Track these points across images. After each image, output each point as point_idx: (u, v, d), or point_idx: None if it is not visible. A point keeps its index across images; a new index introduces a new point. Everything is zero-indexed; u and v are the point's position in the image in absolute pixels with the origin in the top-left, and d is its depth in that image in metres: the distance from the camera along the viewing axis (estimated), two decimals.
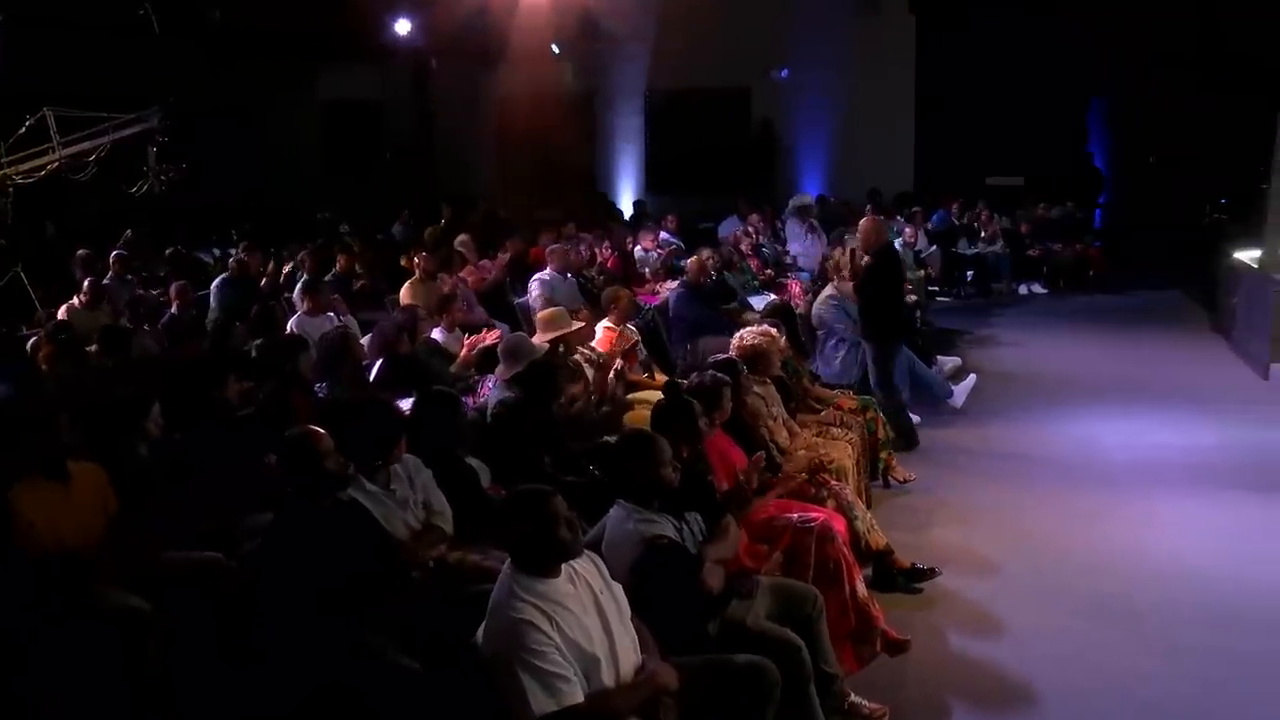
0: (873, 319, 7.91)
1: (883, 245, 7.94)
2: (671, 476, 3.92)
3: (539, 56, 15.76)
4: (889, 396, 7.75)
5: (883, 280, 7.83)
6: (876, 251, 7.86)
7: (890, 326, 7.94)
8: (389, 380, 6.77)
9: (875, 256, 7.85)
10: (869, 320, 7.94)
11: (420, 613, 3.93)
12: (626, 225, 14.93)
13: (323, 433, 4.00)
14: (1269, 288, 9.63)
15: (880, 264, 7.84)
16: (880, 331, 7.89)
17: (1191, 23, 15.41)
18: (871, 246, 7.86)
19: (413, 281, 9.14)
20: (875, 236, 7.93)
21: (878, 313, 7.87)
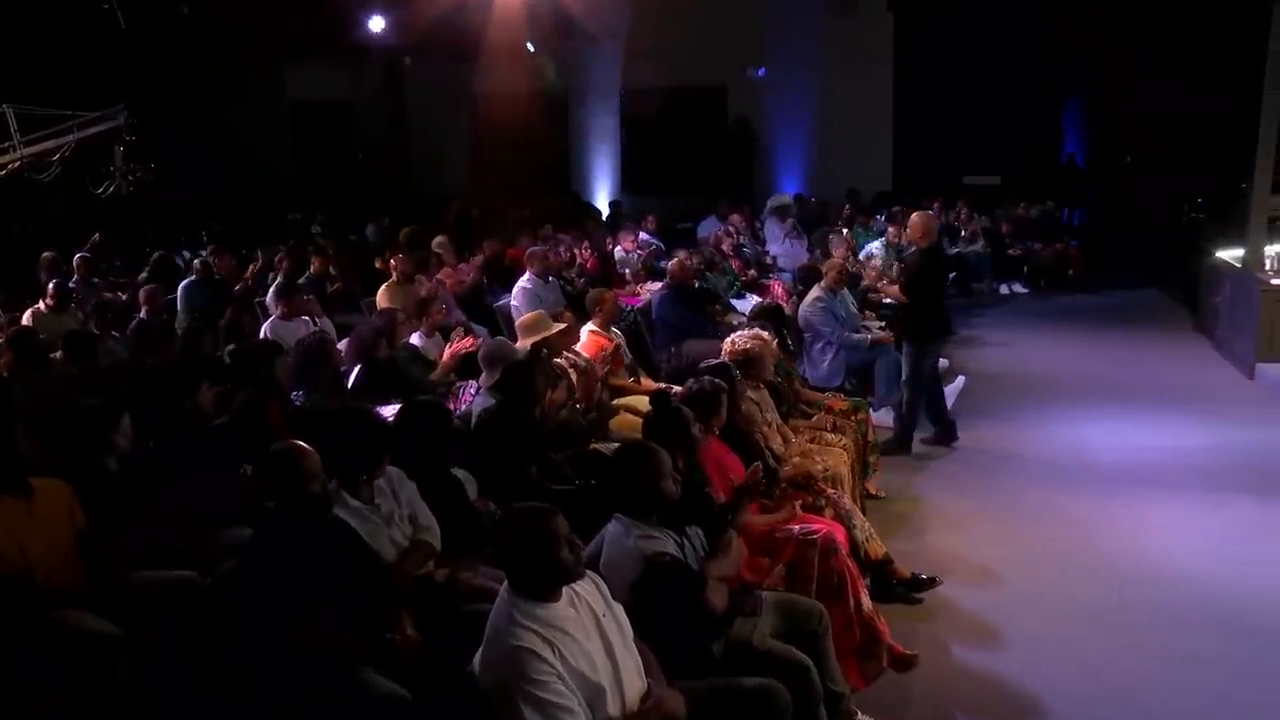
0: (917, 317, 7.66)
1: (933, 242, 7.73)
2: (672, 489, 3.75)
3: (514, 55, 15.53)
4: (914, 397, 7.65)
5: (931, 277, 7.65)
6: (927, 249, 7.66)
7: (934, 325, 7.73)
8: (367, 387, 6.57)
9: (925, 254, 7.66)
10: (913, 318, 7.70)
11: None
12: (603, 226, 14.74)
13: (309, 451, 3.78)
14: (1254, 287, 9.59)
15: (930, 261, 7.67)
16: (923, 330, 7.66)
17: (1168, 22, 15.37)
18: (923, 242, 7.63)
19: (390, 284, 8.91)
20: (927, 232, 7.70)
21: (922, 311, 7.62)
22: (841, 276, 9.05)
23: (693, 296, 9.02)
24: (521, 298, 9.10)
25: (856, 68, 16.75)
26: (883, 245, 12.59)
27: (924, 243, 7.63)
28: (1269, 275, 9.69)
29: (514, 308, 9.19)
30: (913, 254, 7.65)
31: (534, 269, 9.30)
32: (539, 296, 9.10)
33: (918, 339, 7.64)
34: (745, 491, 4.19)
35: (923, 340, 7.64)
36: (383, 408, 6.38)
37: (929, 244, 7.66)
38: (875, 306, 10.42)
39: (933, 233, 7.76)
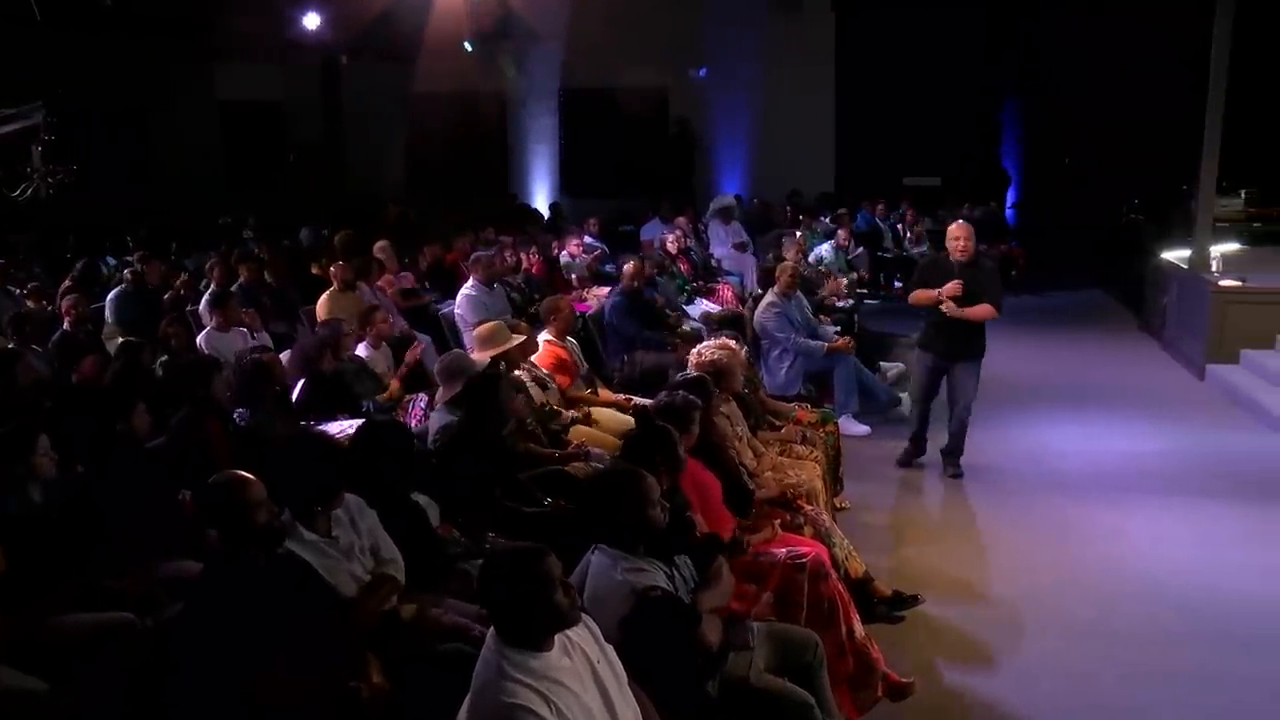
0: (982, 333, 7.08)
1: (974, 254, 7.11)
2: (660, 517, 3.48)
3: (452, 54, 15.13)
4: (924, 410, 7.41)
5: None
6: (978, 261, 7.14)
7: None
8: (312, 402, 6.21)
9: (988, 268, 7.33)
10: (980, 335, 7.06)
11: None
12: (545, 229, 14.42)
13: (251, 480, 3.44)
14: (1204, 288, 9.61)
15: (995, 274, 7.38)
16: (983, 345, 7.12)
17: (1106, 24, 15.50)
18: (971, 254, 6.98)
19: (331, 292, 8.51)
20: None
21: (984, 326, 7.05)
22: (794, 280, 8.87)
23: (647, 302, 8.75)
24: (466, 305, 8.76)
25: (798, 68, 16.62)
26: (833, 248, 12.48)
27: (970, 255, 6.99)
28: (1217, 276, 9.71)
29: (458, 315, 8.86)
30: (980, 268, 6.95)
31: (479, 275, 8.95)
32: (484, 304, 8.77)
33: (980, 355, 7.11)
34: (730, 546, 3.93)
35: (981, 355, 7.15)
36: (329, 424, 6.08)
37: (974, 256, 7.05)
38: (830, 310, 10.27)
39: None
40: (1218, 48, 9.81)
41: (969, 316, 6.90)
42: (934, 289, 6.89)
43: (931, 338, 7.11)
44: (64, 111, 9.58)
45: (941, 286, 6.85)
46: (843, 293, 11.14)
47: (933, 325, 7.09)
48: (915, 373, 7.35)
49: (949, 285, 6.82)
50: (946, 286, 6.82)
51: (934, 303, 6.89)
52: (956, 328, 6.92)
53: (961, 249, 6.87)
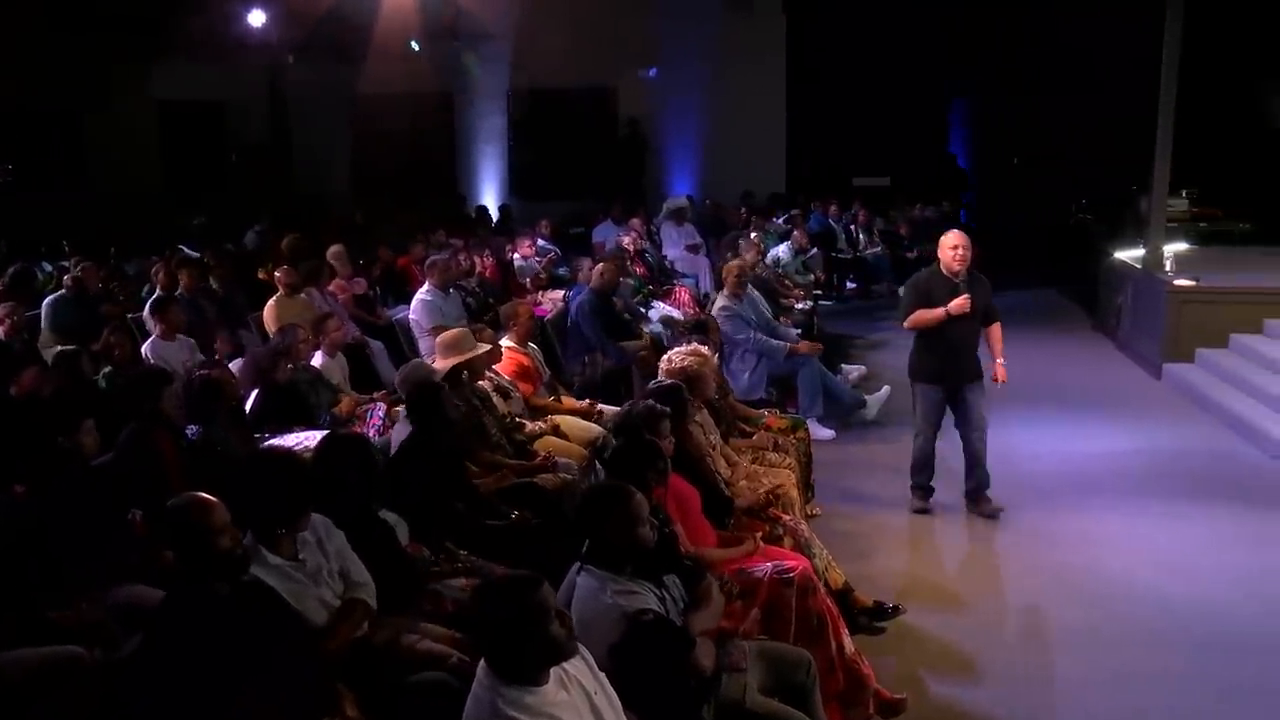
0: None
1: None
2: (650, 536, 3.32)
3: (398, 54, 14.83)
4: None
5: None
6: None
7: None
8: (267, 414, 5.96)
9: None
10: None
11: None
12: (493, 231, 14.17)
13: (213, 503, 3.21)
14: (1160, 288, 9.67)
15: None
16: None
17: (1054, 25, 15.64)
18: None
19: (278, 297, 8.23)
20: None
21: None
22: (740, 280, 8.76)
23: (612, 306, 8.58)
24: (422, 310, 8.53)
25: (749, 68, 16.54)
26: (789, 250, 12.40)
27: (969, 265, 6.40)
28: (1171, 276, 9.78)
29: (414, 321, 8.63)
30: (977, 279, 6.32)
31: (434, 280, 8.72)
32: (440, 309, 8.55)
33: (982, 373, 6.52)
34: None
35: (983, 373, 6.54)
36: (284, 436, 5.83)
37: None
38: (789, 311, 10.18)
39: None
40: (1168, 50, 9.88)
41: (994, 342, 6.41)
42: (934, 307, 6.13)
43: (933, 365, 6.31)
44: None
45: (943, 303, 6.11)
46: (800, 295, 11.07)
47: (931, 350, 6.28)
48: (920, 408, 6.41)
49: (957, 301, 6.07)
50: (954, 303, 6.07)
51: (939, 322, 6.12)
52: (963, 349, 6.21)
53: (961, 258, 6.13)
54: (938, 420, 6.42)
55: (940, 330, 6.16)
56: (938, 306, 6.13)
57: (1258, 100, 15.65)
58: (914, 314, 6.24)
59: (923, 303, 6.23)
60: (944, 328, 6.14)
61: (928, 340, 6.29)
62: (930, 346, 6.30)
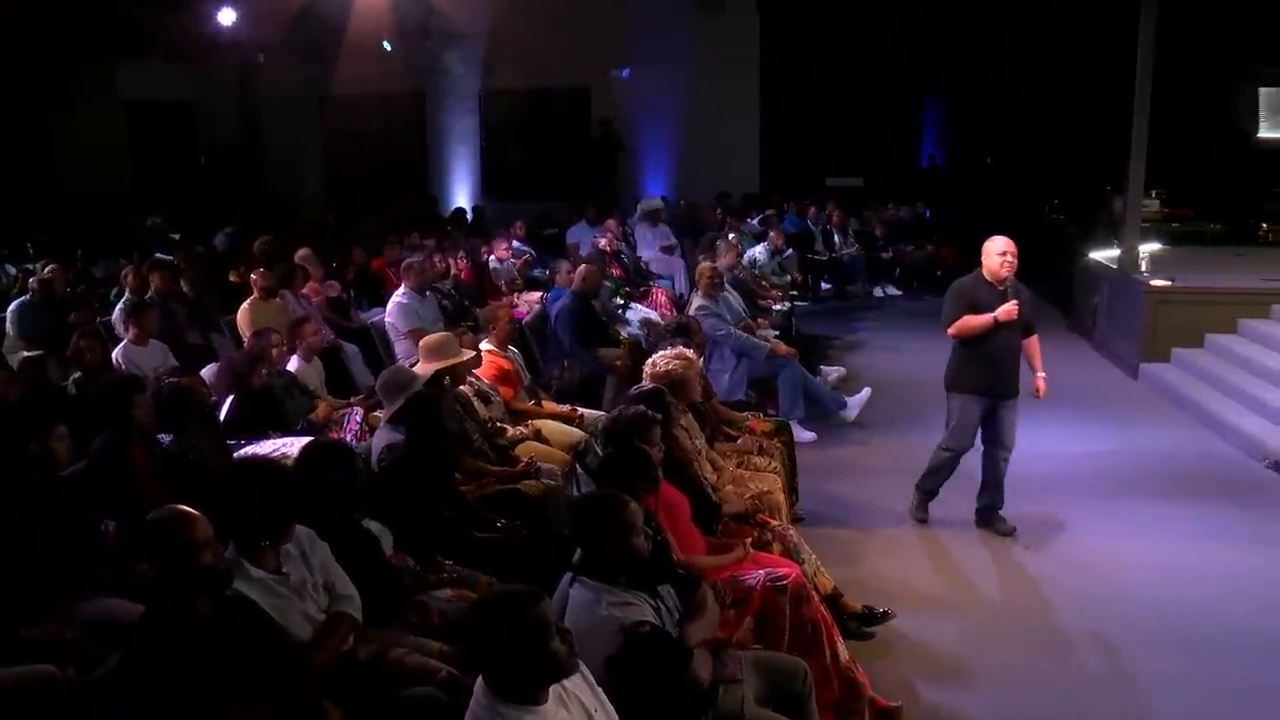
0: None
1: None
2: (645, 546, 3.25)
3: (370, 54, 14.66)
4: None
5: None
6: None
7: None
8: (241, 421, 5.84)
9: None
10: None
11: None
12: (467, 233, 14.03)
13: (195, 516, 3.11)
14: (1136, 289, 9.70)
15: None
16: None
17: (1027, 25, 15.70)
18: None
19: (252, 301, 8.08)
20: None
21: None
22: (713, 280, 8.71)
23: (594, 309, 8.51)
24: (398, 313, 8.40)
25: (723, 68, 16.48)
26: (766, 251, 12.36)
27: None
28: (1147, 276, 9.82)
29: (389, 324, 8.50)
30: (1020, 288, 6.03)
31: (410, 282, 8.58)
32: (417, 311, 8.43)
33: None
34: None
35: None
36: (260, 443, 5.72)
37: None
38: (767, 313, 10.14)
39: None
40: (1143, 50, 9.92)
41: (1033, 354, 6.14)
42: (980, 314, 5.84)
43: (976, 376, 5.99)
44: None
45: (989, 310, 5.83)
46: (778, 297, 11.04)
47: (975, 361, 5.96)
48: (956, 420, 6.11)
49: (1006, 307, 5.79)
50: (1003, 309, 5.79)
51: (985, 329, 5.83)
52: (1007, 360, 5.97)
53: (1010, 265, 5.86)
54: (973, 436, 6.13)
55: (985, 339, 5.87)
56: (984, 314, 5.83)
57: (1224, 101, 15.80)
58: (960, 320, 5.91)
59: (968, 309, 5.91)
60: (989, 336, 5.85)
61: (971, 350, 5.96)
62: (973, 357, 5.96)
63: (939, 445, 6.25)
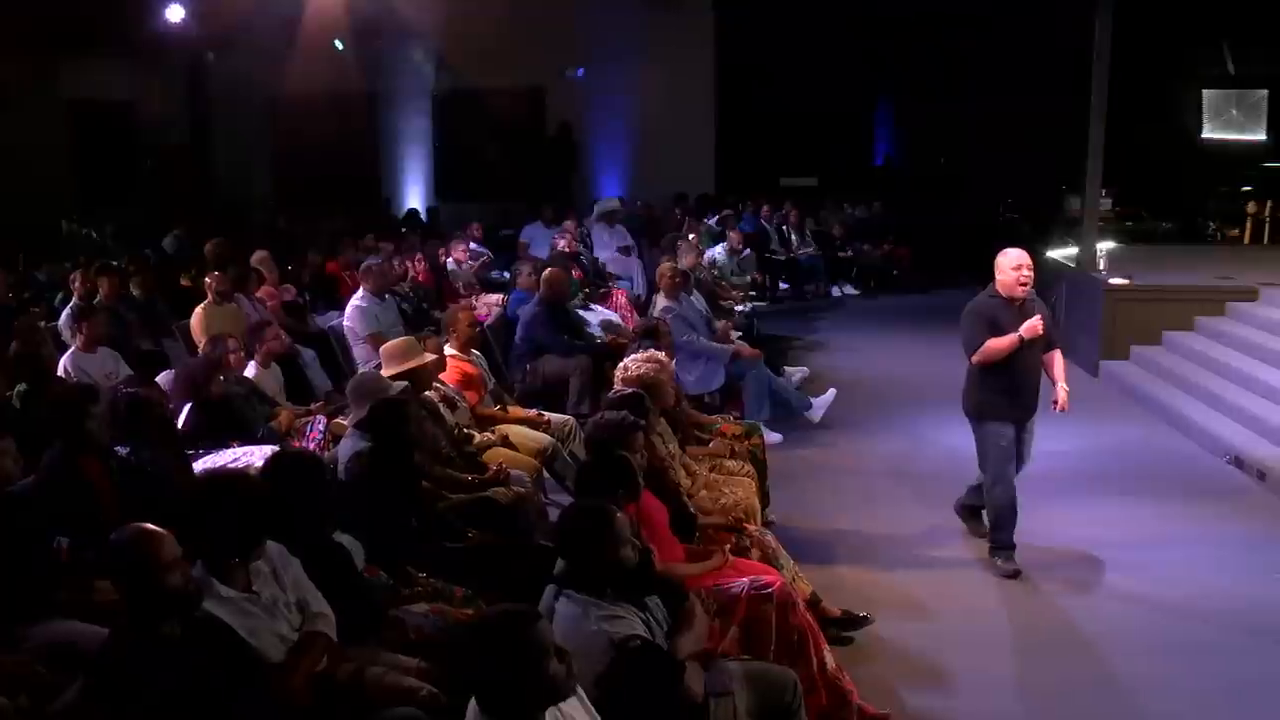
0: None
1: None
2: (633, 556, 3.15)
3: (322, 53, 14.39)
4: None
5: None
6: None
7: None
8: (200, 430, 5.66)
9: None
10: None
11: None
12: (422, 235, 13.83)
13: (162, 535, 2.96)
14: (1096, 288, 9.78)
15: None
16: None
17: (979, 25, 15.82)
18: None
19: (206, 305, 7.87)
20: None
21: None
22: (675, 281, 8.64)
23: (564, 312, 8.39)
24: (357, 317, 8.24)
25: (678, 67, 16.34)
26: (725, 251, 12.32)
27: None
28: (1106, 275, 9.90)
29: (348, 328, 8.33)
30: (1038, 303, 5.66)
31: (369, 285, 8.42)
32: (376, 315, 8.27)
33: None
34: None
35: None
36: (220, 453, 5.54)
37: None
38: (729, 314, 10.09)
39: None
40: (1099, 50, 9.99)
41: (1055, 368, 5.75)
42: (1003, 333, 5.44)
43: (1003, 401, 5.60)
44: None
45: (1012, 330, 5.43)
46: (739, 298, 11.01)
47: (1000, 385, 5.56)
48: (991, 452, 5.65)
49: (1031, 324, 5.38)
50: (1027, 326, 5.38)
51: (1011, 350, 5.42)
52: (1032, 379, 5.60)
53: (1027, 280, 5.48)
54: (1013, 458, 5.68)
55: (1009, 361, 5.47)
56: (1007, 334, 5.43)
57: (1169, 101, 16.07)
58: (986, 346, 5.46)
59: (991, 332, 5.47)
60: (1013, 357, 5.45)
61: (994, 374, 5.54)
62: (998, 381, 5.55)
63: (985, 486, 5.76)
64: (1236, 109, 16.49)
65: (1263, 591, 5.44)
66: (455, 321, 7.02)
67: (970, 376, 5.70)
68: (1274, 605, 5.29)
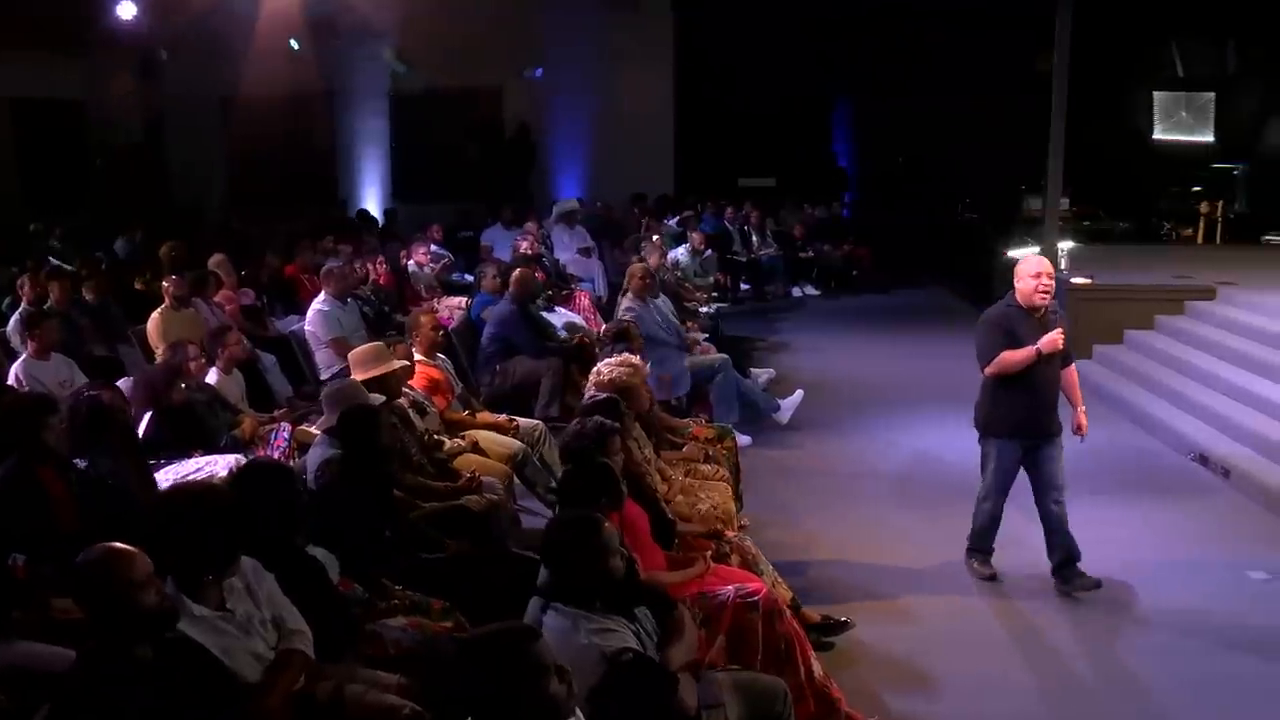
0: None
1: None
2: (621, 567, 3.07)
3: (278, 52, 14.15)
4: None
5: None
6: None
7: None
8: (161, 439, 5.49)
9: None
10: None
11: None
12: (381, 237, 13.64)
13: (133, 554, 2.83)
14: (1059, 287, 9.79)
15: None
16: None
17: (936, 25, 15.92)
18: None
19: (163, 310, 7.67)
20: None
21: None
22: (645, 282, 8.58)
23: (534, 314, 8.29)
24: (319, 321, 8.06)
25: (638, 67, 16.32)
26: (688, 252, 12.27)
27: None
28: (1068, 275, 9.97)
29: (309, 333, 8.16)
30: (1057, 314, 5.36)
31: (331, 289, 8.24)
32: (339, 319, 8.11)
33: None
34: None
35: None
36: (183, 462, 5.39)
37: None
38: (694, 315, 10.03)
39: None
40: (1059, 51, 10.07)
41: (1072, 388, 5.49)
42: (1020, 345, 5.17)
43: (1015, 416, 5.33)
44: None
45: (1030, 342, 5.16)
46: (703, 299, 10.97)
47: (1013, 399, 5.28)
48: (994, 466, 5.46)
49: (1050, 337, 5.12)
50: (1046, 339, 5.12)
51: (1028, 363, 5.16)
52: (1049, 395, 5.31)
53: (1047, 289, 5.18)
54: (1011, 483, 5.50)
55: (1024, 375, 5.19)
56: (1024, 346, 5.16)
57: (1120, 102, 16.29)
58: (1001, 357, 5.20)
59: (1008, 343, 5.20)
60: (1030, 371, 5.18)
61: (1009, 388, 5.26)
62: (1011, 395, 5.27)
63: (978, 497, 5.59)
64: (1186, 111, 16.79)
65: (1232, 590, 5.48)
66: (419, 326, 6.91)
67: (983, 389, 5.44)
68: (1243, 603, 5.34)
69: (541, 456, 6.39)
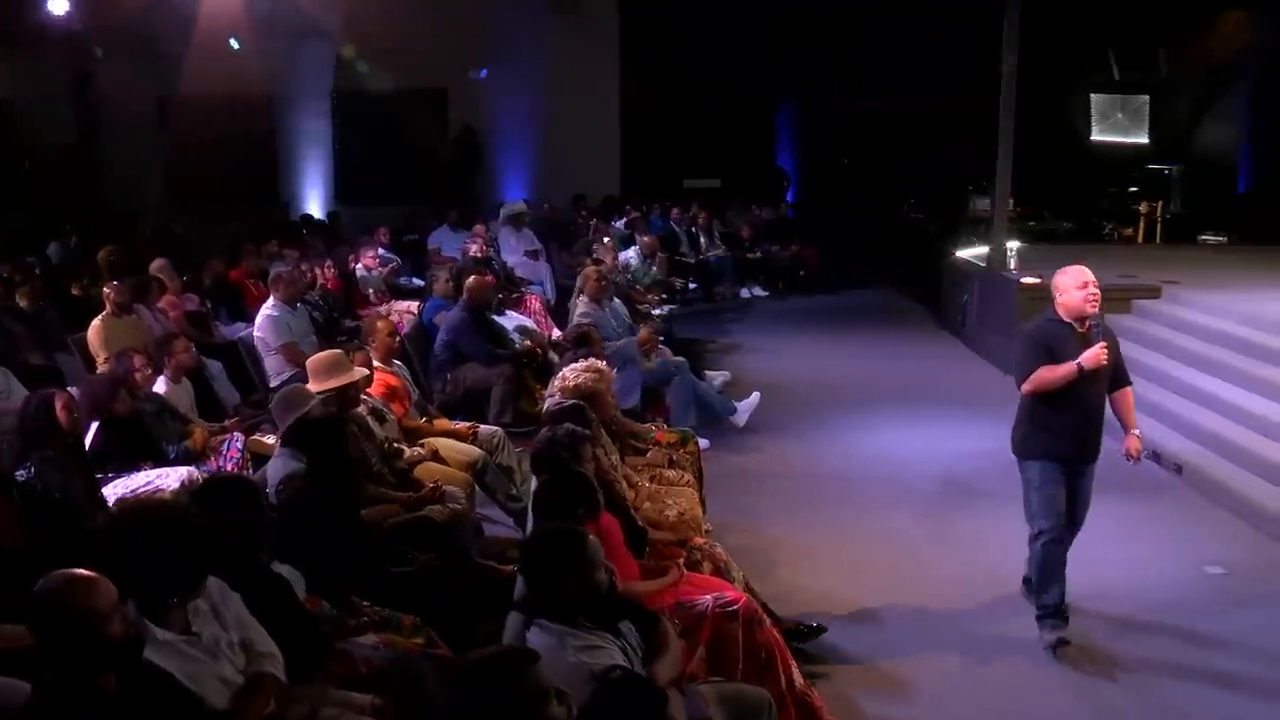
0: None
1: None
2: (605, 580, 2.99)
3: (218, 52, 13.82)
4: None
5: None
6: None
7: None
8: (108, 451, 5.30)
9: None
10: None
11: None
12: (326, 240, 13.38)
13: (96, 580, 2.68)
14: (1009, 287, 9.93)
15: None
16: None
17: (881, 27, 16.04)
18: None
19: (104, 317, 7.41)
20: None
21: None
22: (601, 286, 8.50)
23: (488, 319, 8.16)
24: (269, 327, 7.88)
25: (583, 68, 16.19)
26: (638, 254, 12.21)
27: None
28: (1017, 274, 10.07)
29: (259, 339, 7.97)
30: (1105, 327, 4.87)
31: (280, 294, 8.06)
32: (288, 325, 7.93)
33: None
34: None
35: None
36: (131, 475, 5.21)
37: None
38: (648, 318, 9.97)
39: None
40: (1007, 52, 10.16)
41: (1125, 411, 5.10)
42: (1061, 362, 4.72)
43: (1055, 438, 4.89)
44: None
45: (1071, 358, 4.72)
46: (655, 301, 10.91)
47: (1054, 419, 4.86)
48: (1038, 495, 4.94)
49: (1093, 352, 4.66)
50: (1089, 354, 4.66)
51: (1068, 381, 4.72)
52: (1094, 416, 4.92)
53: (1095, 299, 4.75)
54: (1060, 505, 4.93)
55: (1065, 393, 4.76)
56: (1065, 362, 4.72)
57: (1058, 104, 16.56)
58: (1037, 375, 4.79)
59: (1047, 359, 4.77)
60: (1073, 389, 4.74)
61: (1049, 407, 4.85)
62: (1051, 415, 4.86)
63: (1030, 535, 5.02)
64: (1122, 113, 17.13)
65: (1189, 585, 5.55)
66: (375, 331, 6.76)
67: (1021, 408, 5.03)
68: (1202, 599, 5.40)
69: (500, 463, 6.28)
